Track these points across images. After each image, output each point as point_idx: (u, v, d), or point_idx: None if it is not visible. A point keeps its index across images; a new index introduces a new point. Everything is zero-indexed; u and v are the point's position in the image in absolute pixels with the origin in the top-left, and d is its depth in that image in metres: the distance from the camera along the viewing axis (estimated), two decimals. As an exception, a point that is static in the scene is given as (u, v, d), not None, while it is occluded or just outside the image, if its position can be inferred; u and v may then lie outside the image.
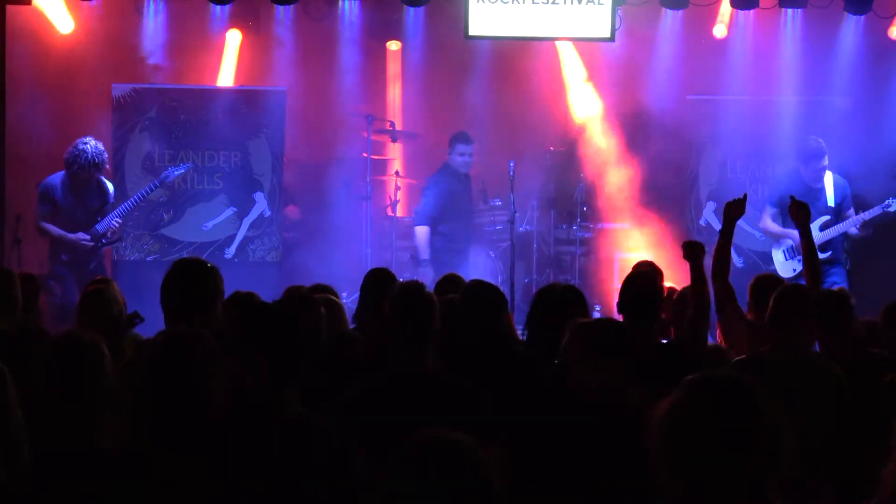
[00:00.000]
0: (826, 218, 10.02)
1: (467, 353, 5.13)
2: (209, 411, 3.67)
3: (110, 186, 9.98)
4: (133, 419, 3.59)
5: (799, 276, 9.87)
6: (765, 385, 2.58)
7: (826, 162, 10.04)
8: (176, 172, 10.24)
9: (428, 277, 9.63)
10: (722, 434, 2.45)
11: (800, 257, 9.95)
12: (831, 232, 9.96)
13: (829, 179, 10.13)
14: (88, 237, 9.78)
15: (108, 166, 9.88)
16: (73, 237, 9.75)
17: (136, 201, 10.16)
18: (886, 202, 10.01)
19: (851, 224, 9.97)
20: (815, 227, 9.99)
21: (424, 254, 10.31)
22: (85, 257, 9.76)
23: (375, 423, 4.20)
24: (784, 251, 10.20)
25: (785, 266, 10.17)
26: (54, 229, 9.76)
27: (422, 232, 10.36)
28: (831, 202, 10.07)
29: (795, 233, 9.98)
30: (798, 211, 6.58)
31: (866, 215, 9.91)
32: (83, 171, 9.61)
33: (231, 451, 3.57)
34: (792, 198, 6.75)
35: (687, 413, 2.50)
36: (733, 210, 6.30)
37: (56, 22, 10.51)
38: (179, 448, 3.51)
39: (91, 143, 9.65)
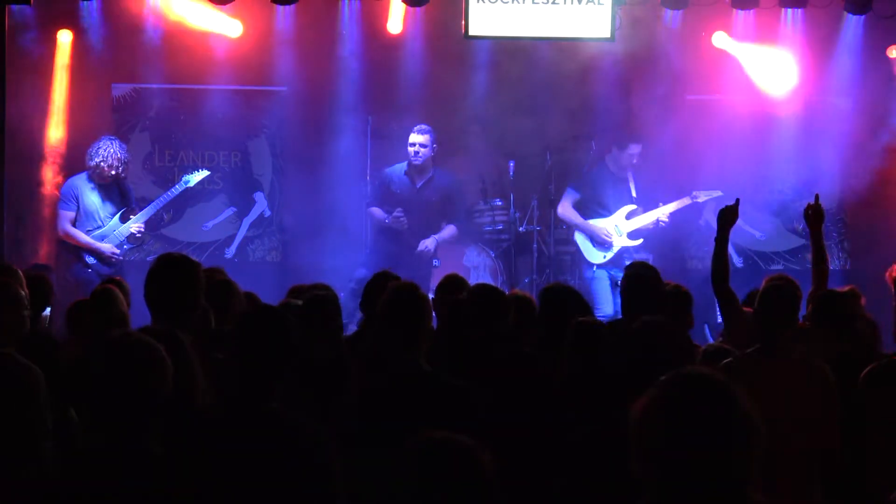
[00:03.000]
0: (632, 207, 10.28)
1: (471, 353, 5.16)
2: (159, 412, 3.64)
3: (132, 190, 9.91)
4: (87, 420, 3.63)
5: (608, 262, 10.13)
6: (751, 386, 2.59)
7: (635, 150, 10.21)
8: (195, 178, 10.08)
9: None
10: (695, 431, 2.46)
11: (605, 246, 10.13)
12: (639, 221, 10.21)
13: (629, 173, 10.35)
14: (118, 251, 9.65)
15: (118, 172, 9.73)
16: (100, 248, 9.57)
17: (159, 206, 9.98)
18: (693, 194, 10.26)
19: (660, 214, 10.22)
20: (620, 215, 10.17)
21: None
22: (108, 261, 9.67)
23: (372, 423, 4.21)
24: (588, 237, 10.32)
25: (593, 253, 10.28)
26: (81, 237, 9.59)
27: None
28: (634, 193, 10.28)
29: (594, 226, 10.19)
30: (813, 213, 6.58)
31: (674, 206, 10.19)
32: (98, 170, 9.52)
33: (212, 448, 3.58)
34: (816, 198, 6.71)
35: (661, 411, 2.50)
36: (727, 216, 6.29)
37: (57, 22, 10.50)
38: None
39: (113, 148, 9.58)
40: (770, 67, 10.91)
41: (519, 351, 5.29)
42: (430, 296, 5.58)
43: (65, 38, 10.57)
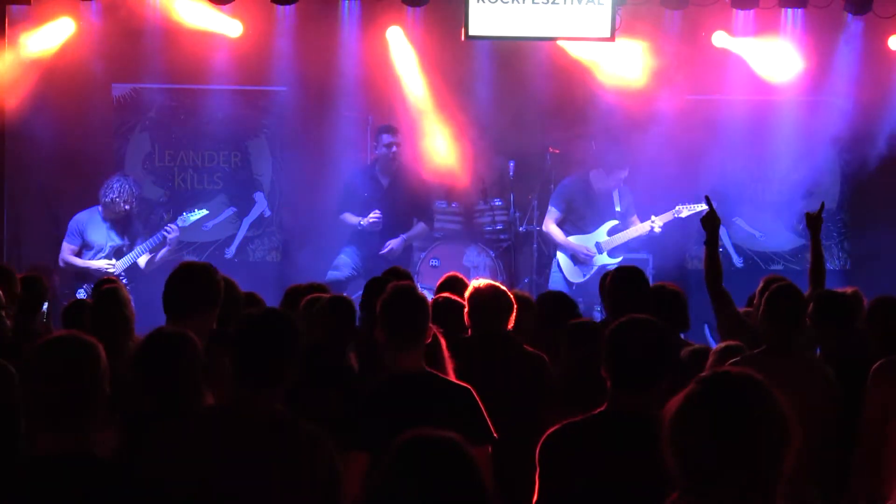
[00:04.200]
0: (615, 222, 10.40)
1: (469, 352, 5.16)
2: (193, 408, 3.67)
3: (138, 225, 10.13)
4: (123, 420, 3.59)
5: (588, 281, 10.20)
6: None
7: (622, 175, 10.40)
8: (192, 218, 10.15)
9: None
10: (733, 429, 2.48)
11: (586, 265, 10.21)
12: (622, 237, 10.35)
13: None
14: (114, 266, 9.79)
15: (131, 207, 9.91)
16: (95, 267, 9.72)
17: (153, 244, 10.00)
18: (676, 208, 10.33)
19: (644, 228, 10.31)
20: (602, 231, 10.25)
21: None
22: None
23: (374, 423, 4.21)
24: (569, 256, 10.35)
25: (574, 272, 10.33)
26: (78, 262, 9.80)
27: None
28: (618, 207, 10.43)
29: (575, 244, 10.28)
30: (815, 219, 6.61)
31: (664, 217, 10.27)
32: (112, 206, 9.77)
33: (212, 450, 3.59)
34: (822, 205, 6.75)
35: (699, 408, 2.52)
36: (709, 221, 6.29)
37: (57, 22, 10.50)
38: (162, 447, 3.52)
39: (127, 185, 9.85)
40: (772, 57, 10.91)
41: (520, 350, 5.30)
42: (429, 295, 5.59)
43: (64, 37, 10.56)
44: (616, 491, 3.58)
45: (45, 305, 6.85)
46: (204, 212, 10.28)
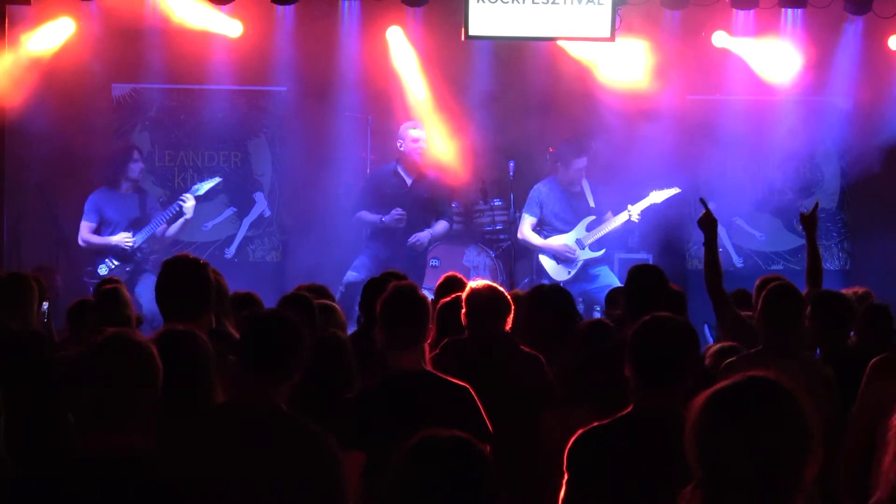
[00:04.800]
0: (591, 218, 10.40)
1: (466, 353, 5.16)
2: (204, 407, 3.68)
3: (150, 201, 10.27)
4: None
5: (573, 278, 10.20)
6: None
7: (581, 165, 10.37)
8: (205, 186, 10.26)
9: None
10: (759, 435, 2.49)
11: (569, 262, 10.21)
12: (601, 230, 10.34)
13: (585, 183, 10.48)
14: (132, 237, 9.97)
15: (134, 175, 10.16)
16: (114, 242, 9.93)
17: (169, 215, 10.15)
18: (651, 195, 10.34)
19: (621, 219, 10.31)
20: (581, 227, 10.24)
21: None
22: (129, 257, 9.96)
23: (372, 422, 4.21)
24: (552, 257, 10.40)
25: (558, 270, 10.33)
26: (97, 239, 9.99)
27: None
28: (591, 203, 10.43)
29: (554, 244, 10.28)
30: (810, 218, 6.61)
31: (640, 206, 10.26)
32: (121, 180, 10.05)
33: (219, 448, 3.59)
34: (816, 204, 6.76)
35: (726, 411, 2.53)
36: (706, 223, 6.27)
37: (57, 22, 10.50)
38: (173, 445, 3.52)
39: (131, 160, 10.13)
40: (772, 57, 10.90)
41: (517, 350, 5.30)
42: (429, 295, 5.59)
43: (64, 37, 10.56)
44: (646, 493, 3.55)
45: (46, 305, 6.87)
46: (216, 179, 10.42)
